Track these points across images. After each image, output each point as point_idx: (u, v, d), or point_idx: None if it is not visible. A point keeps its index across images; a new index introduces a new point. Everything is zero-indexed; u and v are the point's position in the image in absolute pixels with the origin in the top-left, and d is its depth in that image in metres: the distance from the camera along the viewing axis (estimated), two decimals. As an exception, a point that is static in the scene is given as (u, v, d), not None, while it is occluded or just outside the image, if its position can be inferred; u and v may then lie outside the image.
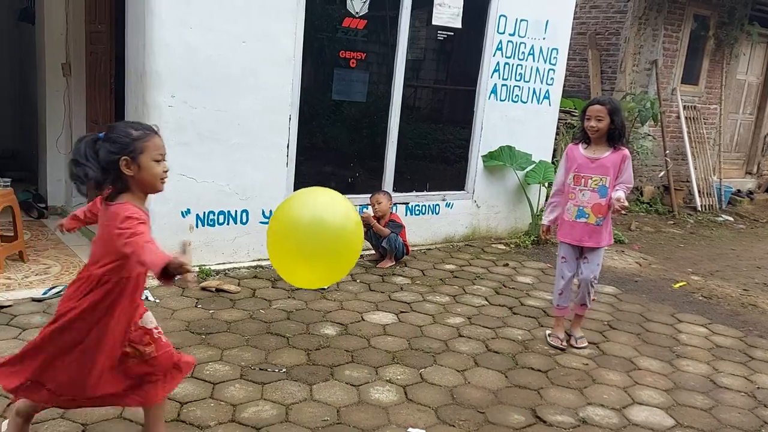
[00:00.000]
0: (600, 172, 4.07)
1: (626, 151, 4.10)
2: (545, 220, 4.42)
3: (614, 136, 4.07)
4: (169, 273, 2.15)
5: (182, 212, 4.92)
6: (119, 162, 2.31)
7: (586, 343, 4.35)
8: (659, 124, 9.64)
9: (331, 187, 5.86)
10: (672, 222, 9.20)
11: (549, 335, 4.37)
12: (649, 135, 9.74)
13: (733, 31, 10.28)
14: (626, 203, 4.01)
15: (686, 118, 10.12)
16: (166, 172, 2.47)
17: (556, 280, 4.37)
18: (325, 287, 4.69)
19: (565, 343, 4.28)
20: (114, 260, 2.37)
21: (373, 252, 5.80)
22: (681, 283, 6.03)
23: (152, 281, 4.74)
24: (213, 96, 4.87)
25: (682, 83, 10.16)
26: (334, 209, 2.59)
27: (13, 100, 8.28)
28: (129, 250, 2.23)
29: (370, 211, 5.68)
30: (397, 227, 5.66)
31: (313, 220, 2.54)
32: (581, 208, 4.15)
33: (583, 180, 4.12)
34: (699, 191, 10.14)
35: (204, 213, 5.04)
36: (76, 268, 4.96)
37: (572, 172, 4.16)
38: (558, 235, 4.33)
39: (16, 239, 4.91)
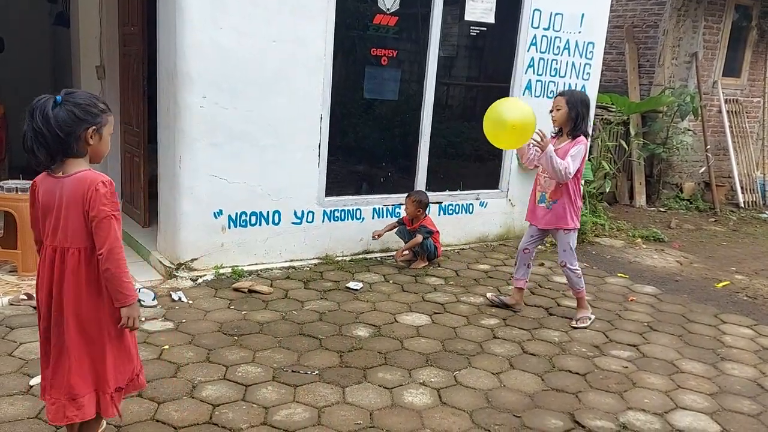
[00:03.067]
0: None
1: (580, 138, 4.31)
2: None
3: (572, 125, 4.32)
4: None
5: (214, 213, 4.93)
6: (86, 130, 2.30)
7: (585, 324, 4.54)
8: (700, 118, 9.39)
9: (362, 187, 5.89)
10: (713, 219, 8.94)
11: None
12: (689, 130, 9.49)
13: (776, 21, 9.96)
14: (541, 141, 4.21)
15: (728, 111, 9.83)
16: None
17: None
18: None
19: (495, 299, 4.79)
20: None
21: (405, 252, 5.73)
22: (724, 283, 5.84)
23: (186, 282, 4.76)
24: (244, 97, 4.86)
25: (723, 76, 9.87)
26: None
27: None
28: (107, 265, 2.32)
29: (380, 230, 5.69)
30: (428, 232, 5.59)
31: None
32: (543, 193, 4.48)
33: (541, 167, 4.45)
34: (742, 187, 9.84)
35: (236, 214, 5.04)
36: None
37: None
38: (527, 218, 4.73)
39: (52, 241, 4.97)
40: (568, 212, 4.41)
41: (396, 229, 5.73)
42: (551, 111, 4.39)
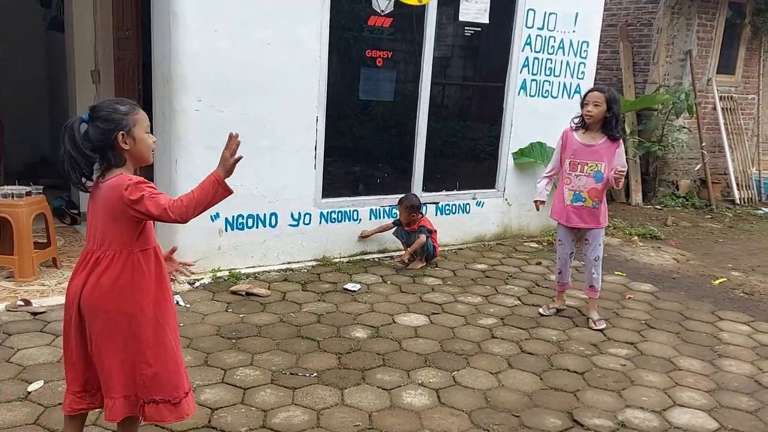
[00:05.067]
0: (595, 158, 4.32)
1: (617, 143, 4.33)
2: (543, 195, 4.59)
3: (610, 125, 4.28)
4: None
5: (211, 216, 4.93)
6: (116, 138, 2.30)
7: (605, 324, 4.53)
8: (695, 115, 9.40)
9: (359, 188, 5.90)
10: (710, 216, 8.96)
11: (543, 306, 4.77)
12: (684, 127, 9.51)
13: (770, 17, 9.98)
14: (624, 169, 4.25)
15: (723, 108, 9.85)
16: (155, 143, 2.48)
17: (556, 262, 4.72)
18: None
19: (550, 311, 4.68)
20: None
21: (403, 252, 5.74)
22: (721, 280, 5.86)
23: (183, 286, 4.76)
24: (240, 100, 4.86)
25: (717, 73, 9.89)
26: None
27: (44, 107, 8.42)
28: (175, 215, 2.33)
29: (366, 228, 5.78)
30: (429, 231, 5.59)
31: None
32: (577, 192, 4.39)
33: (579, 166, 4.36)
34: (737, 184, 9.87)
35: (233, 217, 5.04)
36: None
37: (568, 158, 4.39)
38: (554, 217, 4.60)
39: (49, 246, 4.97)
40: (606, 210, 4.50)
41: (393, 230, 5.74)
42: (584, 104, 4.30)
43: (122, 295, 2.34)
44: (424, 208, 5.89)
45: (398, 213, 5.71)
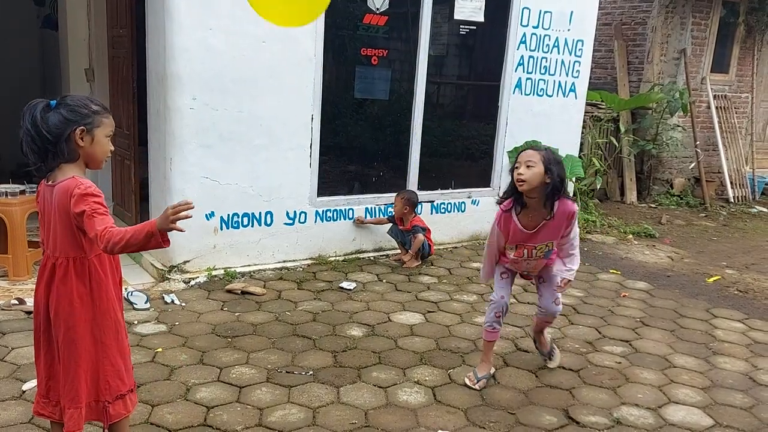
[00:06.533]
0: (545, 239, 3.41)
1: (571, 206, 3.35)
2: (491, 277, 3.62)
3: (554, 192, 3.24)
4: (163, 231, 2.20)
5: (206, 215, 4.92)
6: (74, 131, 2.23)
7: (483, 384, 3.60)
8: (689, 114, 9.43)
9: (354, 187, 5.88)
10: (704, 214, 8.99)
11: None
12: (678, 126, 9.54)
13: (764, 16, 10.00)
14: (569, 279, 3.45)
15: (717, 107, 9.88)
16: (112, 152, 2.41)
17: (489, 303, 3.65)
18: None
19: (479, 384, 3.51)
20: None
21: (398, 251, 5.74)
22: (715, 277, 5.87)
23: (178, 285, 4.75)
24: (234, 98, 4.85)
25: (711, 72, 9.92)
26: None
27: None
28: (103, 247, 2.16)
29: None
30: (422, 230, 5.59)
31: None
32: (526, 272, 3.67)
33: (526, 251, 3.46)
34: (731, 182, 9.90)
35: (228, 215, 5.03)
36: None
37: (511, 244, 3.48)
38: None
39: (43, 245, 4.94)
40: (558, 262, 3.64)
41: (388, 228, 5.73)
42: (515, 167, 3.25)
43: (82, 304, 2.31)
44: (420, 206, 5.89)
45: (393, 204, 5.69)
